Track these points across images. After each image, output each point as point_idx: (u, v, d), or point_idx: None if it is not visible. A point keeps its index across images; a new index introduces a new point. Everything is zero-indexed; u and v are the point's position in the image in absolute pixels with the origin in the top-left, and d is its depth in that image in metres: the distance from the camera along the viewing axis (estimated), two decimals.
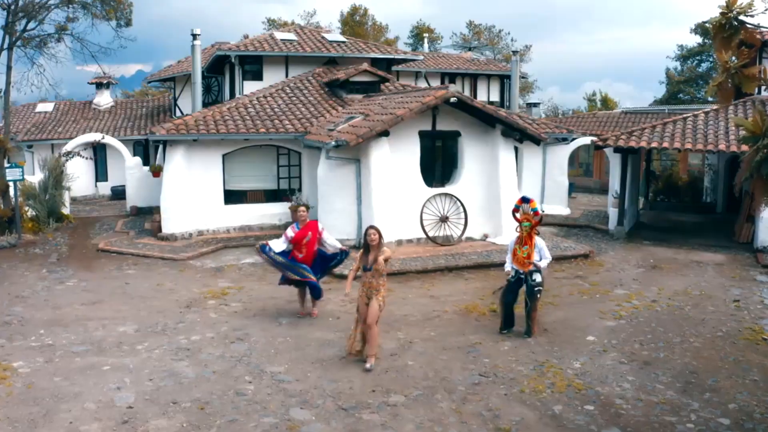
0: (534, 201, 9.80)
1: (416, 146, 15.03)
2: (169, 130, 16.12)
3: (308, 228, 9.88)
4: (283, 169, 17.66)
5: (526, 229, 9.54)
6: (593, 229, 18.23)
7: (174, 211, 16.14)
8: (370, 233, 8.03)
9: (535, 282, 9.53)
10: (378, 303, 8.05)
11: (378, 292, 8.07)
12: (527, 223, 9.58)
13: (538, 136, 15.75)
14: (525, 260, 9.57)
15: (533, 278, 9.55)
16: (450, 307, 10.77)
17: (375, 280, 8.06)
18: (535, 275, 9.56)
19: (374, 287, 8.07)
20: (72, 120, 28.28)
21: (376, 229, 8.11)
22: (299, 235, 9.84)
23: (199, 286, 12.21)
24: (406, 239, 15.12)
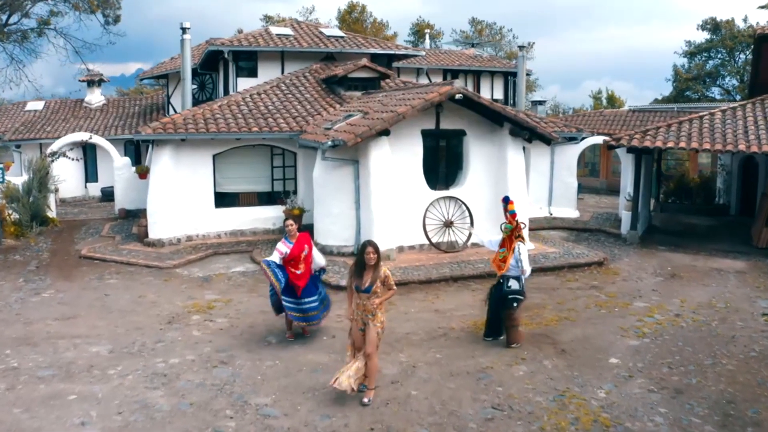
0: (513, 203, 9.18)
1: (419, 146, 14.09)
2: (156, 129, 15.19)
3: (303, 241, 8.93)
4: (278, 171, 16.72)
5: (506, 231, 8.86)
6: (604, 233, 17.29)
7: (161, 215, 15.20)
8: (368, 251, 7.05)
9: (510, 289, 8.82)
10: (376, 330, 7.09)
11: (374, 317, 7.11)
12: (508, 226, 8.90)
13: (548, 135, 14.79)
14: (500, 263, 8.92)
15: (509, 285, 8.84)
16: (456, 323, 9.84)
17: (370, 303, 7.09)
18: (512, 282, 8.85)
19: (369, 310, 7.10)
20: (62, 119, 27.35)
21: (374, 246, 7.12)
22: (296, 250, 8.82)
23: (183, 298, 11.27)
24: (408, 246, 14.19)
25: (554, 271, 13.05)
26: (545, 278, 12.61)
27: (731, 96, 42.75)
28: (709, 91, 45.04)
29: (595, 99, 52.80)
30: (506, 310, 8.84)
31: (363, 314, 7.11)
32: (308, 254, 8.88)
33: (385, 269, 7.15)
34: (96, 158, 25.63)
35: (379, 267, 7.07)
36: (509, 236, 8.87)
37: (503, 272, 8.87)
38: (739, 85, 42.82)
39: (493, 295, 9.03)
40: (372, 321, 7.07)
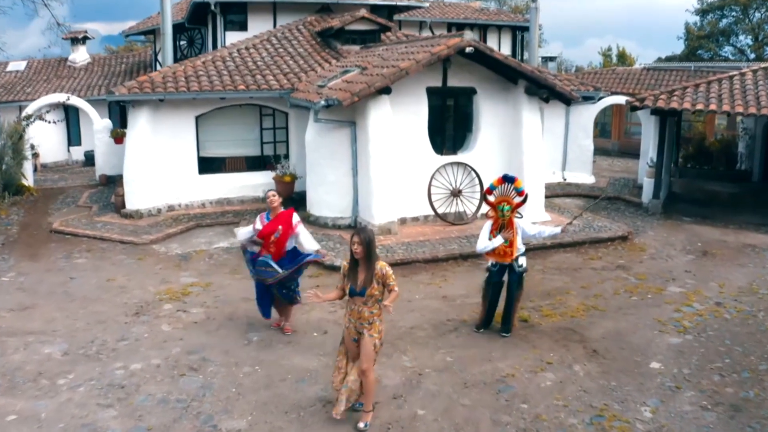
0: (519, 180, 7.88)
1: (423, 106, 12.55)
2: (131, 90, 13.63)
3: (279, 220, 7.53)
4: (268, 133, 15.21)
5: (507, 213, 7.61)
6: (624, 201, 15.86)
7: (139, 183, 13.77)
8: (354, 242, 5.62)
9: (523, 268, 7.82)
10: (373, 342, 5.76)
11: (371, 325, 5.75)
12: (507, 207, 7.62)
13: (568, 94, 13.22)
14: (507, 249, 7.66)
15: (520, 264, 7.78)
16: (468, 313, 8.51)
17: (367, 309, 5.73)
18: (521, 259, 7.80)
19: (365, 318, 5.73)
20: (44, 79, 25.66)
21: (361, 236, 5.61)
22: (267, 229, 7.49)
23: (156, 282, 9.95)
24: (411, 217, 12.79)
25: (575, 248, 11.67)
26: (565, 256, 11.25)
27: (745, 55, 40.71)
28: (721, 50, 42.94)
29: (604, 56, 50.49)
30: (519, 291, 7.80)
31: (357, 322, 5.76)
32: (281, 237, 7.49)
33: (383, 264, 5.71)
34: (79, 120, 24.05)
35: (373, 262, 5.65)
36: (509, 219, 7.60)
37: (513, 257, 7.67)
38: (754, 44, 40.76)
39: (494, 282, 7.82)
40: (368, 330, 5.73)
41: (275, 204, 7.53)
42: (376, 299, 5.68)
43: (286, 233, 7.50)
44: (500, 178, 7.76)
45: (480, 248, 7.71)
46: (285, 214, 7.58)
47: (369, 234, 5.66)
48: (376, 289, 5.61)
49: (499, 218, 7.60)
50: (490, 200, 7.74)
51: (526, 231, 7.75)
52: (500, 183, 7.73)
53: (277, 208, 7.55)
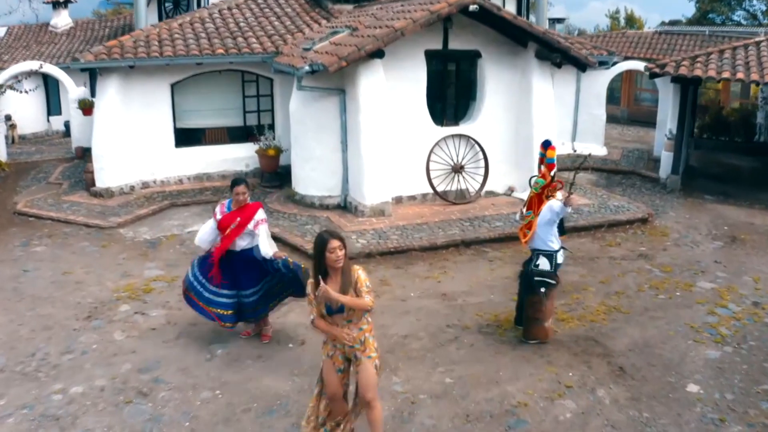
0: (553, 149, 6.71)
1: (421, 71, 11.18)
2: (98, 55, 12.23)
3: (240, 212, 6.37)
4: (251, 101, 13.85)
5: (537, 186, 6.54)
6: (639, 176, 14.59)
7: (109, 159, 12.49)
8: (333, 246, 4.37)
9: (537, 269, 6.51)
10: (373, 363, 4.57)
11: (364, 345, 4.55)
12: (542, 181, 6.54)
13: (583, 59, 11.81)
14: (524, 230, 6.62)
15: (537, 263, 6.53)
16: (471, 317, 7.34)
17: (354, 327, 4.51)
18: (541, 259, 6.51)
19: (354, 339, 4.53)
20: (23, 46, 24.07)
21: (339, 238, 4.42)
22: (226, 219, 6.38)
23: (117, 275, 8.78)
24: (408, 196, 11.55)
25: (590, 232, 10.46)
26: (580, 241, 10.05)
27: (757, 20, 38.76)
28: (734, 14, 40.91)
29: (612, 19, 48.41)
30: (531, 296, 6.55)
31: (345, 347, 4.56)
32: (235, 228, 6.33)
33: (357, 270, 4.49)
34: (58, 89, 22.60)
35: (348, 268, 4.46)
36: (539, 194, 6.50)
37: (528, 244, 6.60)
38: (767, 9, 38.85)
39: (521, 271, 6.86)
40: (363, 352, 4.54)
41: (243, 198, 6.35)
42: (361, 314, 4.49)
43: (241, 226, 6.33)
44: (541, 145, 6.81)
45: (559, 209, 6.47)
46: (250, 207, 6.39)
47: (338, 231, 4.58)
48: (359, 305, 4.42)
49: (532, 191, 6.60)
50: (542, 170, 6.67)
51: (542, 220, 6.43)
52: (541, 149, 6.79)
53: (244, 201, 6.38)
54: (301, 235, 9.84)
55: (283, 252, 6.81)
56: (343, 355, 4.61)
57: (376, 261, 9.03)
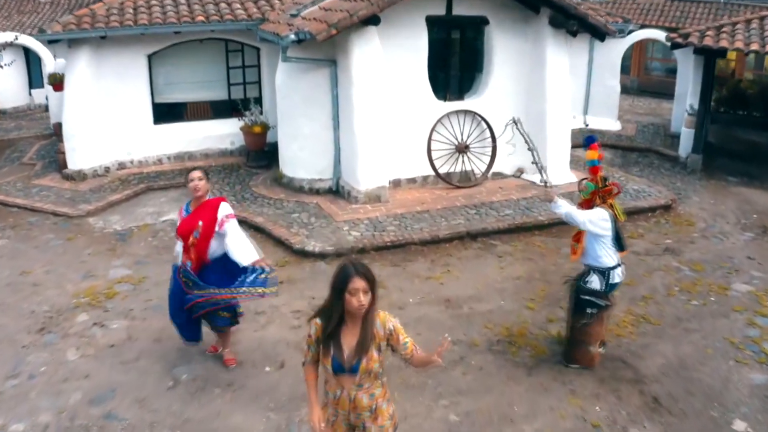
0: (595, 149, 5.45)
1: (422, 40, 10.01)
2: (67, 26, 11.03)
3: (200, 213, 5.28)
4: (236, 73, 12.68)
5: (585, 191, 5.48)
6: (657, 154, 13.48)
7: (81, 139, 11.40)
8: (353, 288, 3.22)
9: (585, 287, 5.44)
10: None
11: (376, 414, 3.49)
12: (592, 185, 5.42)
13: (602, 27, 10.60)
14: (573, 242, 5.57)
15: (586, 280, 5.45)
16: (479, 329, 6.37)
17: (365, 394, 3.45)
18: (593, 277, 5.42)
19: (364, 407, 3.46)
20: (4, 16, 22.66)
21: (366, 278, 3.25)
22: (184, 226, 5.29)
23: (80, 275, 7.79)
24: (406, 179, 10.49)
25: None
26: None
27: None
28: None
29: None
30: (577, 316, 5.50)
31: (352, 414, 3.49)
32: (202, 236, 5.26)
33: (385, 317, 3.43)
34: (40, 61, 21.34)
35: (373, 315, 3.38)
36: (588, 200, 5.45)
37: (576, 258, 5.53)
38: None
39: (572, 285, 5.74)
40: (374, 422, 3.50)
41: (199, 192, 5.27)
42: (377, 374, 3.45)
43: (208, 232, 5.23)
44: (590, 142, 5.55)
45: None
46: (210, 204, 5.33)
47: (368, 269, 3.30)
48: (376, 360, 3.36)
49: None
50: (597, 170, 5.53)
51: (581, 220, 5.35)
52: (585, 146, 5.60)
53: (203, 195, 5.29)
54: (286, 225, 8.83)
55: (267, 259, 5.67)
56: (347, 422, 3.51)
57: (371, 257, 8.03)
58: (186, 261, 5.31)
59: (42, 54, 16.95)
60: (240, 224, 9.00)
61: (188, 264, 5.28)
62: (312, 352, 3.48)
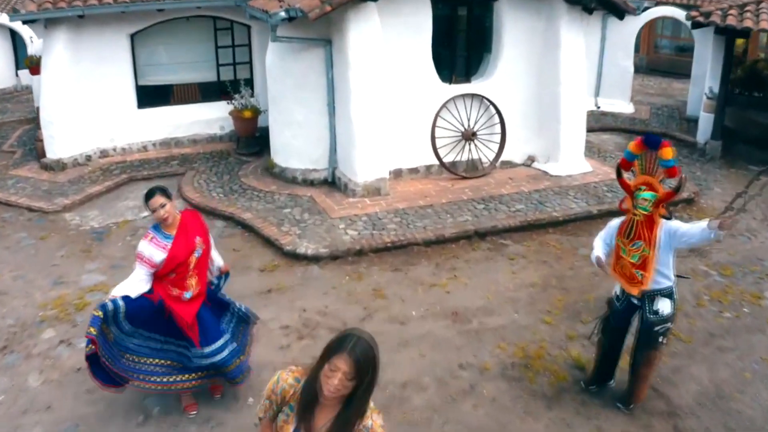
0: (669, 146, 4.36)
1: (426, 17, 9.17)
2: (42, 5, 10.19)
3: (189, 231, 4.54)
4: (225, 53, 11.83)
5: (647, 207, 4.38)
6: (673, 139, 12.58)
7: (59, 126, 10.60)
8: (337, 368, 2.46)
9: (659, 316, 4.57)
10: None
11: None
12: (648, 194, 4.38)
13: (622, 4, 9.73)
14: (634, 270, 4.53)
15: (656, 308, 4.57)
16: (491, 350, 5.68)
17: None
18: (660, 302, 4.55)
19: None
20: None
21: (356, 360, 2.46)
22: (180, 248, 4.46)
23: (50, 281, 7.10)
24: (408, 169, 9.73)
25: None
26: None
27: None
28: None
29: None
30: (649, 351, 4.70)
31: None
32: (203, 256, 4.58)
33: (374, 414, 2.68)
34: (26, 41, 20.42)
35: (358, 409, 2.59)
36: (649, 215, 4.39)
37: (644, 288, 4.54)
38: None
39: (613, 325, 4.84)
40: None
41: (169, 220, 4.48)
42: None
43: (209, 246, 4.70)
44: (639, 141, 4.45)
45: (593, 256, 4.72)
46: (189, 218, 4.63)
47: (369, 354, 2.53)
48: None
49: (632, 214, 4.48)
50: (626, 180, 4.59)
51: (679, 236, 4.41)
52: (642, 149, 4.45)
53: (174, 218, 4.54)
54: (277, 222, 8.09)
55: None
56: None
57: (369, 260, 7.32)
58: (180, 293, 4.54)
59: (23, 34, 16.08)
60: (226, 221, 8.55)
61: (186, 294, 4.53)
62: (274, 409, 2.77)
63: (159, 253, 4.41)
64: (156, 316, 4.50)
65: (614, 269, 4.70)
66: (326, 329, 5.96)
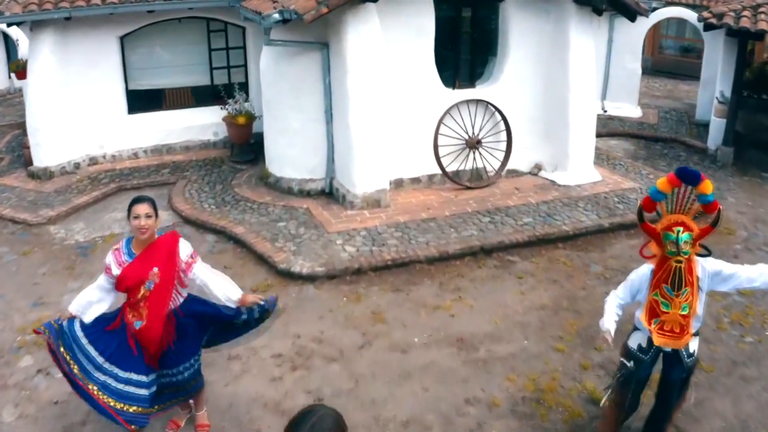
0: (707, 181, 3.78)
1: (428, 19, 8.74)
2: (27, 6, 9.75)
3: (152, 257, 4.12)
4: (219, 55, 11.40)
5: (686, 249, 3.80)
6: (683, 145, 12.24)
7: (46, 133, 10.15)
8: None
9: (693, 357, 4.13)
10: None
11: None
12: (686, 235, 3.78)
13: (634, 5, 9.31)
14: (681, 321, 3.93)
15: (691, 350, 4.10)
16: (500, 382, 5.26)
17: None
18: (692, 342, 4.11)
19: None
20: None
21: None
22: (130, 272, 4.08)
23: (30, 301, 6.69)
24: (410, 178, 9.30)
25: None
26: (630, 243, 7.87)
27: None
28: None
29: None
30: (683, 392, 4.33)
31: None
32: (161, 285, 4.11)
33: None
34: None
35: None
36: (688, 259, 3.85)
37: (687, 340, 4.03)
38: None
39: (638, 378, 4.22)
40: None
41: (145, 234, 4.09)
42: None
43: (168, 280, 4.10)
44: (673, 176, 3.80)
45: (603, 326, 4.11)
46: (163, 243, 4.17)
47: None
48: None
49: (668, 260, 3.85)
50: (649, 223, 3.96)
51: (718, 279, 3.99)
52: (674, 184, 3.80)
53: (151, 232, 4.13)
54: (271, 238, 7.66)
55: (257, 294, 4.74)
56: None
57: (368, 279, 6.90)
58: (132, 320, 4.17)
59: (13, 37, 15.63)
60: (217, 235, 8.11)
61: (136, 323, 4.15)
62: None
63: (116, 268, 4.11)
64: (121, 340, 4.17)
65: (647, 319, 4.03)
66: (321, 358, 5.55)
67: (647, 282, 4.00)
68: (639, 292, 4.08)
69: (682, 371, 4.13)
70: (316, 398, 5.07)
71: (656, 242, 3.92)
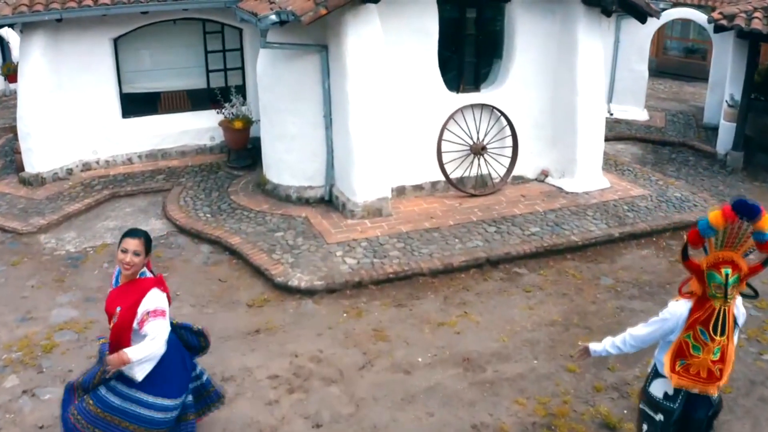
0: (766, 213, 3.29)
1: (431, 20, 8.44)
2: (17, 8, 9.48)
3: (122, 297, 3.86)
4: (216, 58, 11.11)
5: (732, 293, 3.41)
6: (691, 149, 11.94)
7: (38, 138, 9.87)
8: None
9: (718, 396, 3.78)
10: None
11: None
12: (735, 278, 3.37)
13: (644, 6, 9.01)
14: (710, 366, 3.53)
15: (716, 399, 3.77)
16: (508, 405, 4.97)
17: None
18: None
19: None
20: None
21: None
22: (108, 298, 3.99)
23: (18, 316, 6.39)
24: (412, 185, 9.00)
25: (651, 238, 7.95)
26: (640, 254, 7.59)
27: None
28: None
29: None
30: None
31: None
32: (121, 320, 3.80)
33: None
34: None
35: None
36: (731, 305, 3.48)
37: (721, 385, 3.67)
38: None
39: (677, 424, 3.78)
40: None
41: (129, 271, 3.81)
42: None
43: (124, 326, 3.80)
44: (729, 209, 3.29)
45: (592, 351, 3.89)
46: (138, 286, 3.86)
47: None
48: None
49: (709, 301, 3.45)
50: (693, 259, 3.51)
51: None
52: (730, 219, 3.30)
53: (134, 270, 3.85)
54: (268, 249, 7.36)
55: None
56: None
57: (369, 293, 6.61)
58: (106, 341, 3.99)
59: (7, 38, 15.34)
60: (213, 245, 7.80)
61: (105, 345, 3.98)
62: None
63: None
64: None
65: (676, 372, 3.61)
66: (320, 380, 5.26)
67: (683, 325, 3.57)
68: (672, 332, 3.64)
69: (709, 409, 3.77)
70: (314, 424, 4.78)
71: (698, 280, 3.48)
